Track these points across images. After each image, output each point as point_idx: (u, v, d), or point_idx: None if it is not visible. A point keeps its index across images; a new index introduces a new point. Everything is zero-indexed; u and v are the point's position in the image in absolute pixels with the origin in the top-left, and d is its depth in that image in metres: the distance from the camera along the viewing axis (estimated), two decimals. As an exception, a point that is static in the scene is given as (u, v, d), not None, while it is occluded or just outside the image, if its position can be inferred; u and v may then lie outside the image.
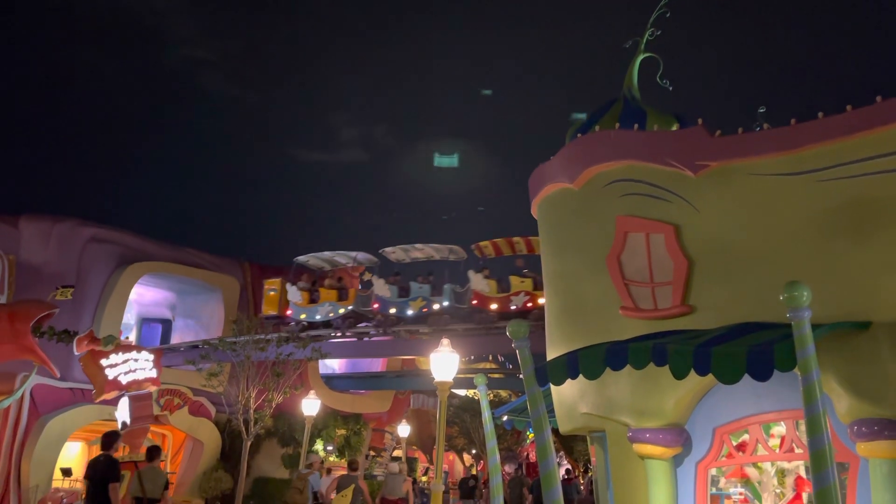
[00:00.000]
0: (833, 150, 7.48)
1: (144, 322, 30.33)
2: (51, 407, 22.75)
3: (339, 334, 24.48)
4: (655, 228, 8.83)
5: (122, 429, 18.87)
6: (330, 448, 29.19)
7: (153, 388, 19.39)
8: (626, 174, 9.31)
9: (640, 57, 11.32)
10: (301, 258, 26.01)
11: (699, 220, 8.52)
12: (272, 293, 25.44)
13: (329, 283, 25.14)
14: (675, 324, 8.44)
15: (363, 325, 24.27)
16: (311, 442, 26.87)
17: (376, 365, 33.83)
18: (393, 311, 22.04)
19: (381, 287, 22.56)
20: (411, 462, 34.07)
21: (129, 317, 29.22)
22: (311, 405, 19.40)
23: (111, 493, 9.74)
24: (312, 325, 24.19)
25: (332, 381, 31.78)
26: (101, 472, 9.95)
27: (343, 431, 30.31)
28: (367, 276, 24.94)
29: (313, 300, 24.62)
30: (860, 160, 7.29)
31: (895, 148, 7.08)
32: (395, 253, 24.20)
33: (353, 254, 25.32)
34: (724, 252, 8.27)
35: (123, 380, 18.44)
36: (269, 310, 25.32)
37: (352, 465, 14.99)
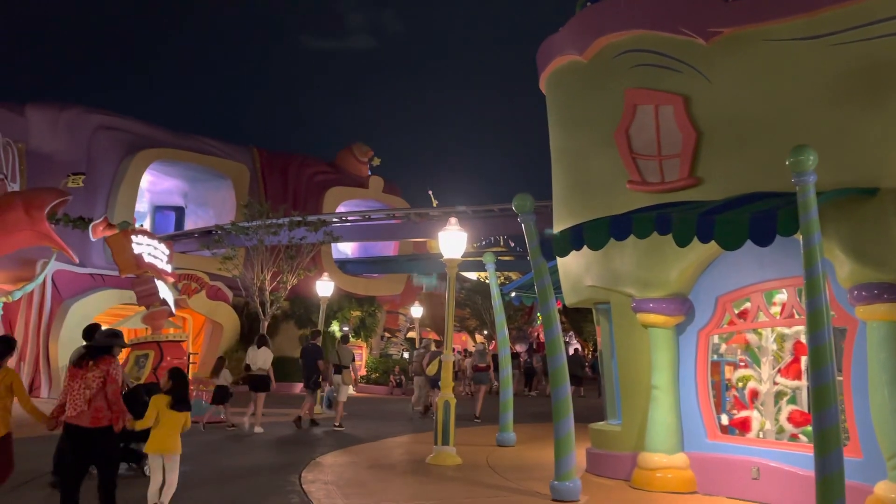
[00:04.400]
0: (850, 12, 7.20)
1: (157, 210, 30.65)
2: (72, 292, 23.40)
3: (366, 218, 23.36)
4: (665, 100, 8.66)
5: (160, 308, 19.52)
6: (346, 329, 30.11)
7: (170, 280, 19.94)
8: (636, 44, 9.04)
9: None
10: None
11: (709, 90, 8.34)
12: None
13: None
14: (682, 196, 8.44)
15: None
16: (328, 323, 27.70)
17: (388, 249, 34.33)
18: None
19: None
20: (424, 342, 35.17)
21: (143, 205, 29.53)
22: (325, 287, 19.84)
23: (321, 365, 15.37)
24: None
25: (345, 265, 32.38)
26: (313, 354, 15.46)
27: (358, 313, 31.18)
28: None
29: None
30: (877, 21, 7.01)
31: (915, 7, 6.80)
32: None
33: None
34: (733, 122, 8.14)
35: (146, 259, 18.98)
36: None
37: (439, 344, 18.90)
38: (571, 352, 34.55)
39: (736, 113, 8.12)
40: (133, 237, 18.74)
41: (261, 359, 14.47)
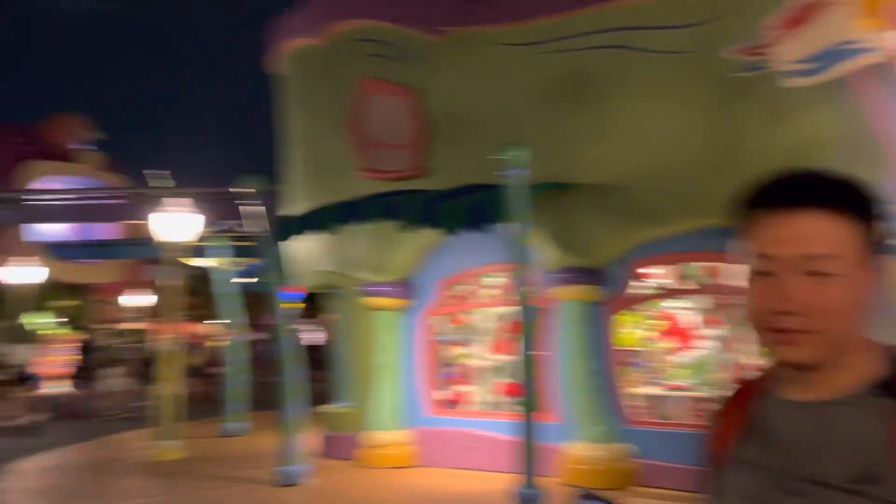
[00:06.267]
0: (556, 25, 8.04)
1: None
2: None
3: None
4: (395, 91, 8.97)
5: None
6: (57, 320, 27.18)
7: None
8: (370, 34, 9.25)
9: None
10: None
11: (437, 85, 8.78)
12: None
13: None
14: (411, 185, 8.79)
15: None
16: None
17: (111, 232, 31.42)
18: None
19: None
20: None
21: None
22: (23, 273, 17.69)
23: None
24: None
25: (57, 248, 29.01)
26: None
27: (69, 302, 28.25)
28: None
29: None
30: (578, 35, 7.91)
31: (610, 25, 7.75)
32: None
33: None
34: (457, 116, 8.65)
35: None
36: None
37: None
38: (320, 338, 34.43)
39: (460, 108, 8.64)
40: None
41: None
